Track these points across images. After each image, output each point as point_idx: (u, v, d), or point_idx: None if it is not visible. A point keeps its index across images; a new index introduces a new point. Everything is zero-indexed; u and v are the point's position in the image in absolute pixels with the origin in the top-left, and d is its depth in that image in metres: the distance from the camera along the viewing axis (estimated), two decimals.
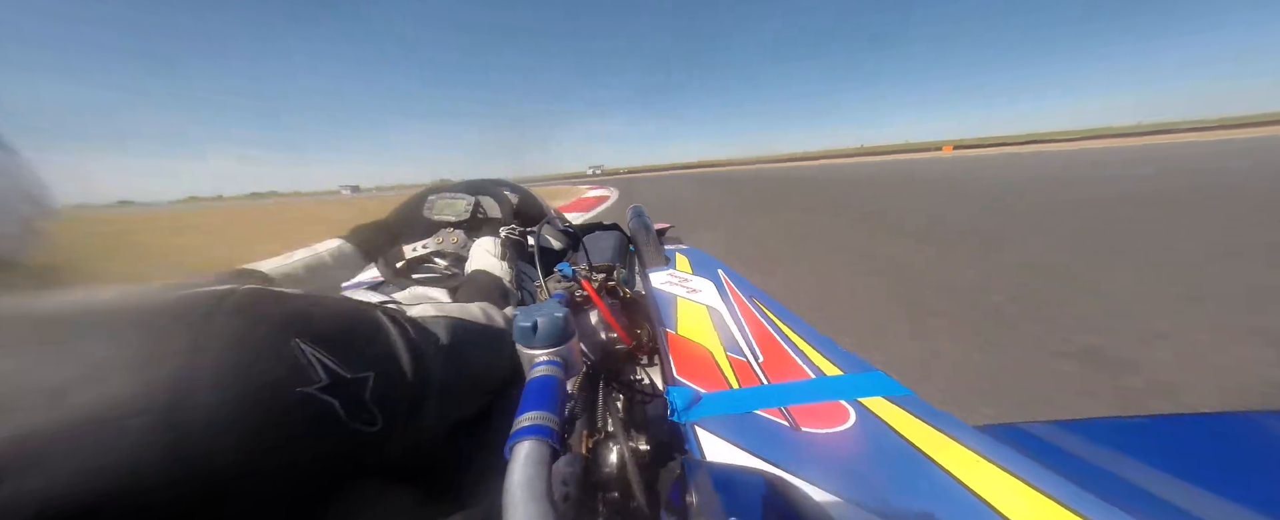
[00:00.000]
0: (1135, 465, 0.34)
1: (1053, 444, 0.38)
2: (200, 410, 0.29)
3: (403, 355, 0.45)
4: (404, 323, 0.48)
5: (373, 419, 0.39)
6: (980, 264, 3.88)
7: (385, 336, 0.45)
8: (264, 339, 0.34)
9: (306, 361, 0.35)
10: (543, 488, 0.30)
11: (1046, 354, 2.19)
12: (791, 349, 0.64)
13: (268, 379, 0.33)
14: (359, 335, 0.43)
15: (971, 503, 0.33)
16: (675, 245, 1.42)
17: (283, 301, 0.39)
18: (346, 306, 0.46)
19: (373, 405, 0.39)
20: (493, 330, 0.65)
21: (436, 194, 1.23)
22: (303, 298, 0.41)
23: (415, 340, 0.47)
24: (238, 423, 0.30)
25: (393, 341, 0.45)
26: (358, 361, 0.39)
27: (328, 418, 0.35)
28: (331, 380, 0.36)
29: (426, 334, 0.51)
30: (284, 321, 0.37)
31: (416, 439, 0.46)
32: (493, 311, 0.69)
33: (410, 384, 0.44)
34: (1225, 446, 0.36)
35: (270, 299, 0.38)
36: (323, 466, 0.36)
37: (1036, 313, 2.72)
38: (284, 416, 0.33)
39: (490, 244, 0.99)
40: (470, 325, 0.61)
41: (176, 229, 13.71)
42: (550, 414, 0.37)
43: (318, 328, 0.39)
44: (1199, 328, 2.36)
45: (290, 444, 0.33)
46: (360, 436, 0.38)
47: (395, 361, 0.44)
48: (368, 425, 0.38)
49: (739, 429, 0.45)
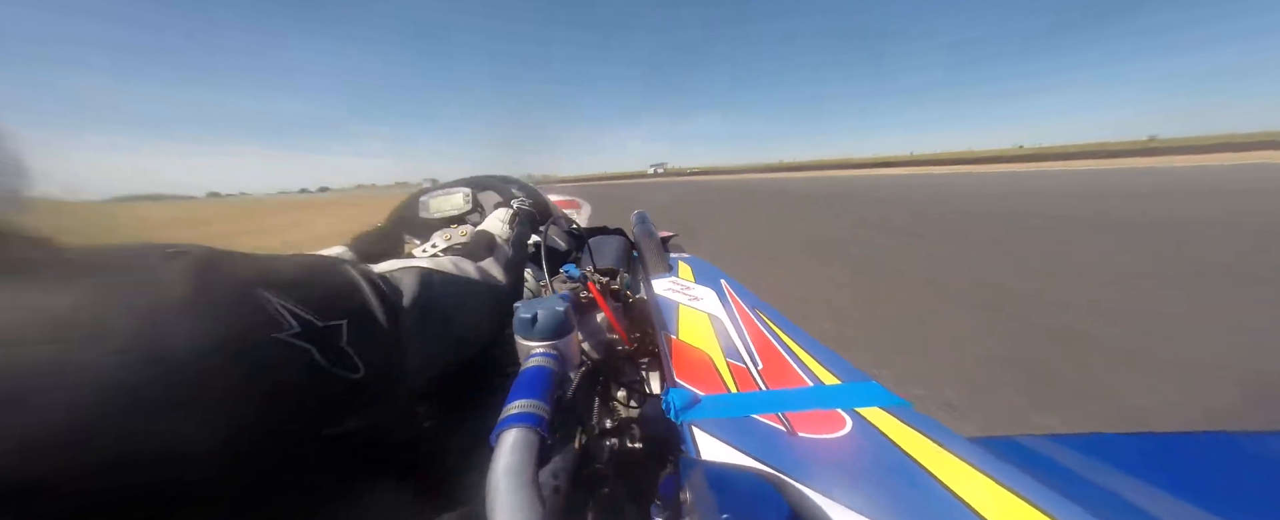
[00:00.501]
0: (1130, 482, 0.35)
1: (1048, 458, 0.38)
2: (173, 360, 0.28)
3: (372, 302, 0.45)
4: (373, 277, 0.49)
5: (354, 365, 0.39)
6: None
7: (352, 285, 0.45)
8: (227, 290, 0.35)
9: (274, 310, 0.35)
10: (529, 475, 0.30)
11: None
12: (791, 358, 0.64)
13: (237, 328, 0.33)
14: (326, 285, 0.44)
15: (963, 514, 0.34)
16: (678, 254, 1.43)
17: (240, 257, 0.39)
18: (309, 259, 0.47)
19: (350, 351, 0.39)
20: (462, 280, 0.65)
21: (428, 193, 1.22)
22: (263, 255, 0.42)
23: (383, 290, 0.48)
24: (214, 373, 0.30)
25: (361, 289, 0.45)
26: (327, 310, 0.40)
27: (308, 364, 0.36)
28: (303, 327, 0.36)
29: (393, 284, 0.52)
30: (245, 273, 0.37)
31: (403, 388, 0.46)
32: (464, 263, 0.69)
33: (384, 331, 0.45)
34: (1222, 465, 0.36)
35: (226, 255, 0.39)
36: (314, 414, 0.36)
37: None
38: (262, 363, 0.33)
39: (503, 213, 1.00)
40: (438, 274, 0.60)
41: (246, 216, 13.52)
42: (539, 402, 0.37)
43: (282, 279, 0.39)
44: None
45: (275, 390, 0.34)
46: (345, 382, 0.38)
47: (365, 309, 0.44)
48: (350, 371, 0.39)
49: (735, 431, 0.45)
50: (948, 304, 3.61)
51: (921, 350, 2.84)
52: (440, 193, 1.21)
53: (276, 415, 0.34)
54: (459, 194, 1.19)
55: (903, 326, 3.25)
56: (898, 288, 4.20)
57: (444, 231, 1.15)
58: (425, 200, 1.21)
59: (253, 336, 0.33)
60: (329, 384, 0.37)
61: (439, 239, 1.14)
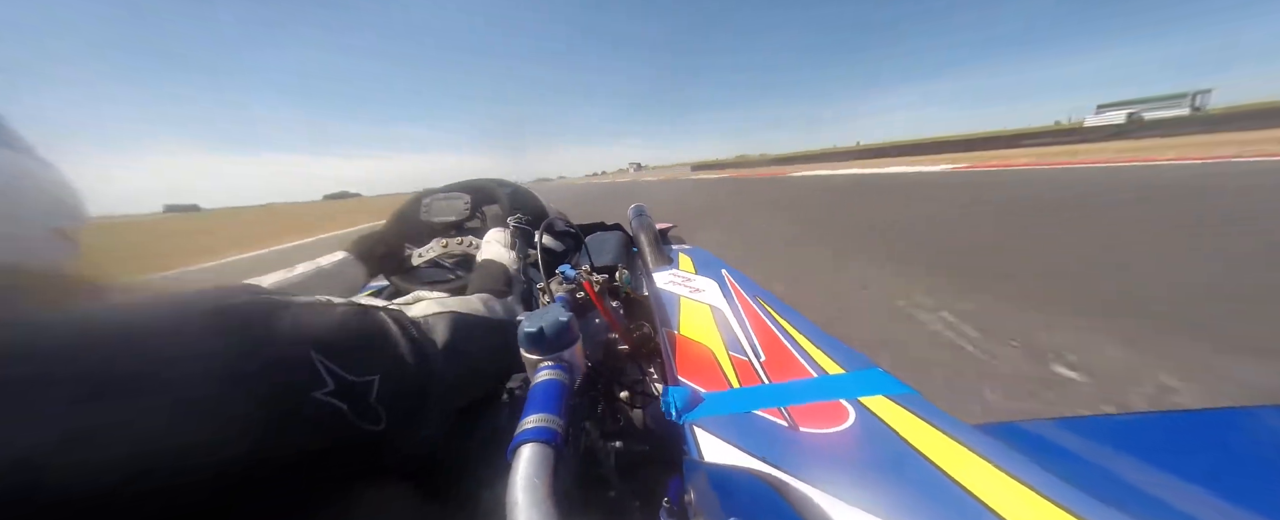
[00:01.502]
0: (1132, 463, 0.34)
1: (1051, 442, 0.38)
2: (218, 410, 0.30)
3: (407, 356, 0.46)
4: (406, 324, 0.50)
5: (378, 418, 0.40)
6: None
7: (389, 339, 0.46)
8: (283, 346, 0.36)
9: (319, 369, 0.37)
10: (546, 490, 0.31)
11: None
12: (794, 347, 0.64)
13: (285, 385, 0.34)
14: (364, 340, 0.44)
15: (968, 503, 0.33)
16: (679, 245, 1.42)
17: (297, 308, 0.40)
18: (351, 312, 0.47)
19: (378, 405, 0.40)
20: (492, 321, 0.66)
21: (431, 196, 1.23)
22: (309, 304, 0.42)
23: (417, 340, 0.49)
24: (255, 423, 0.31)
25: (397, 343, 0.46)
26: (363, 365, 0.41)
27: (338, 421, 0.37)
28: (338, 385, 0.37)
29: (428, 332, 0.53)
30: (302, 328, 0.39)
31: (419, 434, 0.47)
32: (493, 303, 0.70)
33: (413, 383, 0.46)
34: (1223, 444, 0.35)
35: (284, 305, 0.40)
36: (333, 466, 0.38)
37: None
38: (299, 421, 0.34)
39: (500, 234, 1.00)
40: (470, 319, 0.61)
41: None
42: (554, 417, 0.38)
43: (325, 334, 0.40)
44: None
45: (303, 445, 0.35)
46: (367, 436, 0.39)
47: (399, 363, 0.45)
48: (373, 424, 0.40)
49: (738, 429, 0.45)
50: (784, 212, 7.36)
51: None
52: (441, 197, 1.22)
53: (299, 466, 0.35)
54: (459, 199, 1.20)
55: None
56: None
57: (442, 239, 1.15)
58: (428, 203, 1.22)
59: (298, 395, 0.35)
60: (352, 437, 0.38)
61: (437, 245, 1.14)
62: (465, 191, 1.21)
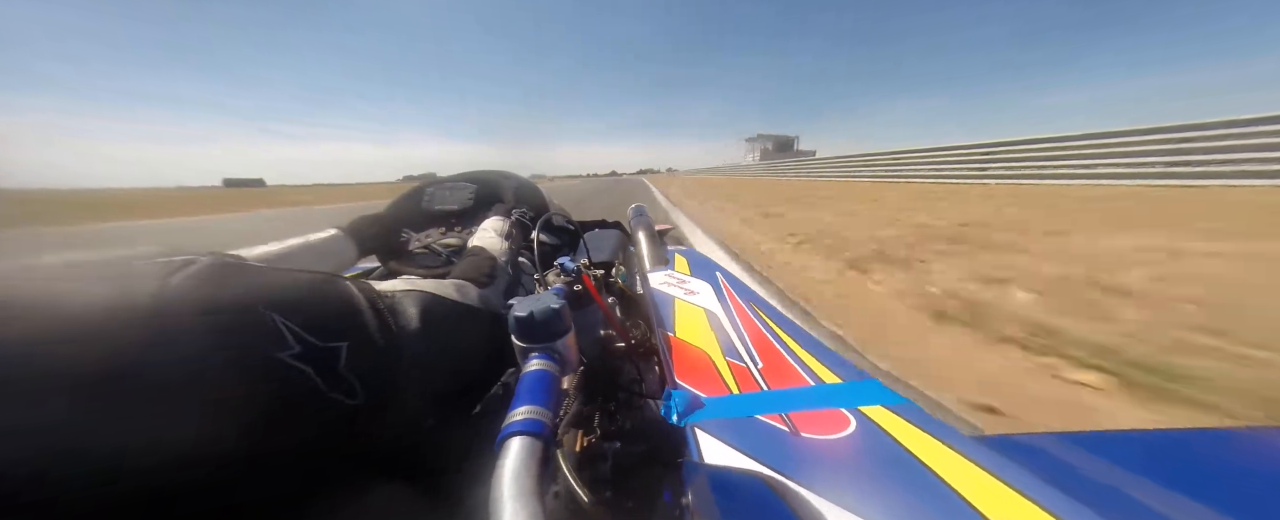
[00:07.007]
0: (1134, 479, 0.34)
1: (1052, 455, 0.38)
2: (174, 370, 0.28)
3: (373, 326, 0.45)
4: (373, 295, 0.48)
5: (352, 390, 0.39)
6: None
7: (355, 307, 0.45)
8: (235, 304, 0.34)
9: (275, 328, 0.35)
10: (533, 485, 0.30)
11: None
12: (790, 356, 0.64)
13: (241, 343, 0.33)
14: (328, 305, 0.43)
15: (969, 514, 0.33)
16: (675, 246, 1.42)
17: (250, 270, 0.39)
18: (316, 279, 0.46)
19: (349, 375, 0.39)
20: (464, 307, 0.64)
21: (436, 185, 1.22)
22: (269, 269, 0.41)
23: (385, 313, 0.47)
24: (213, 385, 0.30)
25: (363, 312, 0.45)
26: (328, 331, 0.39)
27: (305, 386, 0.35)
28: (304, 348, 0.36)
29: (397, 308, 0.51)
30: (254, 288, 0.37)
31: (399, 415, 0.46)
32: (468, 289, 0.67)
33: (384, 356, 0.44)
34: (1226, 461, 0.36)
35: (236, 267, 0.38)
36: (310, 438, 0.36)
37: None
38: (259, 382, 0.33)
39: (497, 223, 0.97)
40: (443, 301, 0.59)
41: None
42: (543, 409, 0.36)
43: (287, 296, 0.39)
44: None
45: (270, 411, 0.33)
46: (341, 408, 0.38)
47: (366, 332, 0.44)
48: (347, 396, 0.38)
49: (738, 433, 0.45)
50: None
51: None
52: (446, 186, 1.22)
53: (272, 434, 0.33)
54: (464, 189, 1.20)
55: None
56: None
57: (440, 229, 1.14)
58: (432, 191, 1.21)
59: (255, 354, 0.33)
60: (326, 408, 0.37)
61: (434, 233, 1.13)
62: (470, 182, 1.20)
